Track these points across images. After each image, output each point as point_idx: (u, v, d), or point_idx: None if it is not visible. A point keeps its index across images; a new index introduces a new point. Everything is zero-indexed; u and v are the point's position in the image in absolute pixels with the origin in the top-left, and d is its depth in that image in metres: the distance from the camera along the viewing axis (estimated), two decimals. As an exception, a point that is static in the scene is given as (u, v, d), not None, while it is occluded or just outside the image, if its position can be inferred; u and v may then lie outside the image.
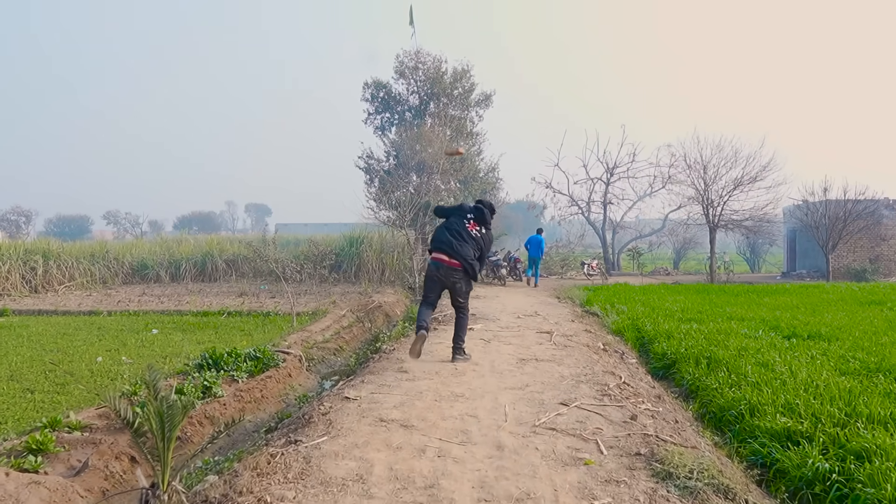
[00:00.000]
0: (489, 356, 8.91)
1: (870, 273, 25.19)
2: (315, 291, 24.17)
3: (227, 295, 23.54)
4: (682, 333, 11.58)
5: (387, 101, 29.11)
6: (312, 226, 67.08)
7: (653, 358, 10.66)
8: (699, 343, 10.59)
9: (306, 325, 15.95)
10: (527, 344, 10.05)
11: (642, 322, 13.25)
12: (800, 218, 25.73)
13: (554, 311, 14.65)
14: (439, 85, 28.29)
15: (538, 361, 8.54)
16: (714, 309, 15.33)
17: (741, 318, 13.80)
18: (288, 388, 11.30)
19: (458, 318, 8.71)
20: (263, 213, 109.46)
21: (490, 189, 29.32)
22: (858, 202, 24.43)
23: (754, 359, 9.23)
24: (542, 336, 10.88)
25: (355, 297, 22.46)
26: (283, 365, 11.86)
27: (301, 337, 14.57)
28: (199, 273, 30.36)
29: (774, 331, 12.19)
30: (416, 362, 8.40)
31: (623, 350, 10.81)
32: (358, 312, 19.28)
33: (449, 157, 26.08)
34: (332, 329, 16.28)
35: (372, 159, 28.76)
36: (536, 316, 13.62)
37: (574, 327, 12.19)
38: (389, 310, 19.98)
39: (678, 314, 14.32)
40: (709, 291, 20.03)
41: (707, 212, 25.01)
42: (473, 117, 29.71)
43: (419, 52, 28.48)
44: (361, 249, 29.42)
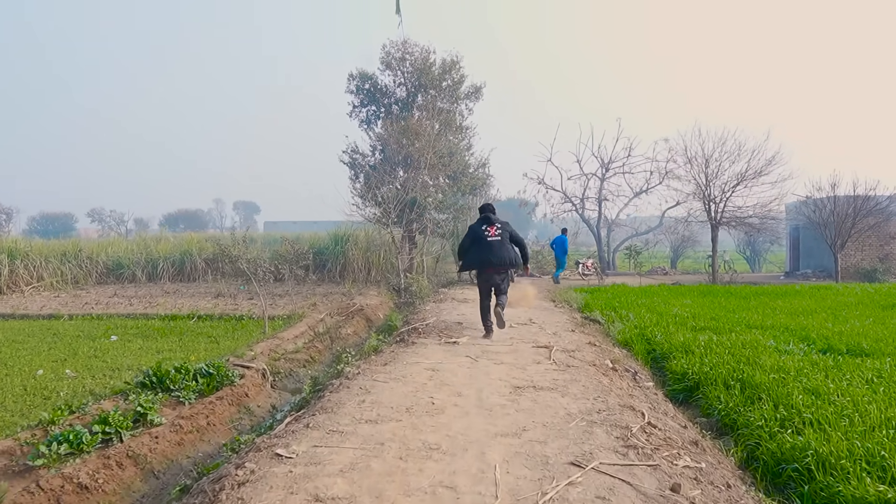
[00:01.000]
0: (476, 382, 7.08)
1: (880, 273, 23.51)
2: (296, 292, 22.54)
3: (203, 296, 21.99)
4: (701, 347, 9.80)
5: (372, 94, 27.28)
6: (302, 223, 65.21)
7: (670, 378, 8.87)
8: (724, 360, 8.82)
9: (279, 332, 14.39)
10: (522, 363, 8.22)
11: (651, 331, 11.48)
12: (807, 215, 23.99)
13: (551, 319, 12.83)
14: (427, 76, 26.49)
15: (537, 390, 6.71)
16: (728, 315, 13.57)
17: (761, 327, 12.05)
18: (243, 412, 9.55)
19: (500, 300, 10.23)
20: (252, 210, 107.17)
21: (480, 185, 27.49)
22: (869, 198, 22.73)
23: (798, 383, 7.44)
24: (539, 351, 9.06)
25: (337, 299, 20.72)
26: (241, 382, 10.19)
27: (270, 346, 12.93)
28: (177, 273, 28.61)
29: (805, 342, 10.45)
30: (385, 390, 6.57)
31: (635, 369, 9.00)
32: (337, 316, 17.51)
33: (436, 152, 24.35)
34: (307, 336, 14.64)
35: (357, 154, 26.92)
36: (531, 324, 11.79)
37: (575, 339, 10.38)
38: (371, 313, 18.21)
39: (690, 322, 12.54)
40: (715, 294, 18.26)
41: (709, 208, 23.25)
42: (463, 110, 27.92)
43: (406, 43, 26.70)
44: (347, 248, 27.80)
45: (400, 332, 11.00)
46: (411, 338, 9.98)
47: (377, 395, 6.38)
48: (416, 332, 10.61)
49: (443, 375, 7.33)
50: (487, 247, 9.86)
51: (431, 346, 9.26)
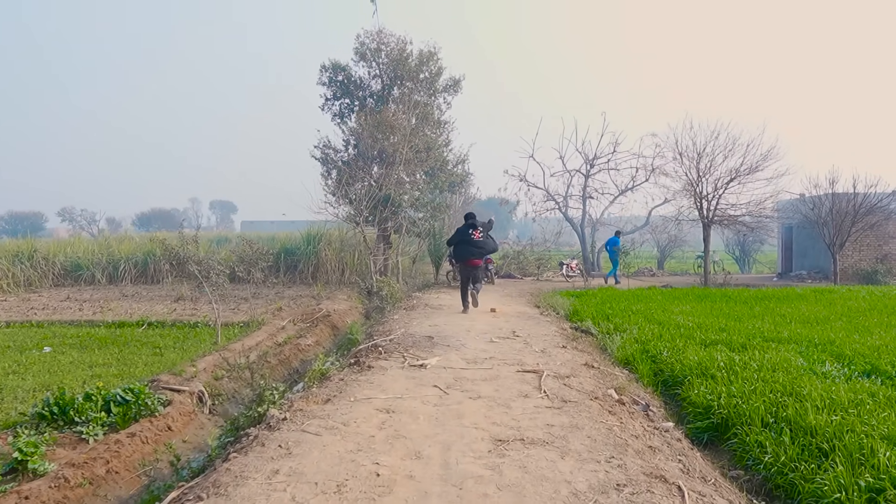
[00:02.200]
0: (444, 431, 5.11)
1: (881, 274, 21.81)
2: (263, 295, 20.59)
3: (163, 300, 20.13)
4: (721, 369, 7.88)
5: (346, 86, 25.26)
6: (279, 223, 62.83)
7: (689, 411, 6.93)
8: (757, 388, 6.90)
9: (232, 342, 12.62)
10: (505, 396, 6.25)
11: (655, 346, 9.57)
12: (804, 213, 22.23)
13: (537, 330, 10.87)
14: (404, 68, 24.52)
15: (526, 445, 4.75)
16: (736, 325, 11.71)
17: (779, 340, 10.21)
18: (162, 451, 7.46)
19: (476, 286, 13.21)
20: (229, 210, 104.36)
21: (459, 182, 25.54)
22: (868, 196, 21.01)
23: (868, 426, 5.54)
24: (525, 378, 7.09)
25: (305, 303, 18.76)
26: (166, 412, 8.18)
27: (217, 359, 11.01)
28: (140, 275, 26.56)
29: (840, 362, 8.58)
30: (315, 449, 4.57)
31: (646, 400, 7.05)
32: (301, 323, 15.49)
33: (413, 147, 22.42)
34: (263, 346, 12.69)
35: (329, 149, 24.88)
36: (515, 339, 9.82)
37: (568, 358, 8.42)
38: (339, 319, 16.22)
39: (696, 333, 10.64)
40: (712, 298, 16.42)
41: (700, 206, 21.43)
42: (441, 104, 25.96)
43: (382, 33, 24.70)
44: (319, 248, 25.81)
45: (358, 351, 8.98)
46: (369, 359, 7.97)
47: (301, 459, 4.38)
48: (376, 350, 8.59)
49: (399, 421, 5.35)
50: (473, 246, 12.72)
51: (392, 372, 7.27)
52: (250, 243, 17.01)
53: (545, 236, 31.07)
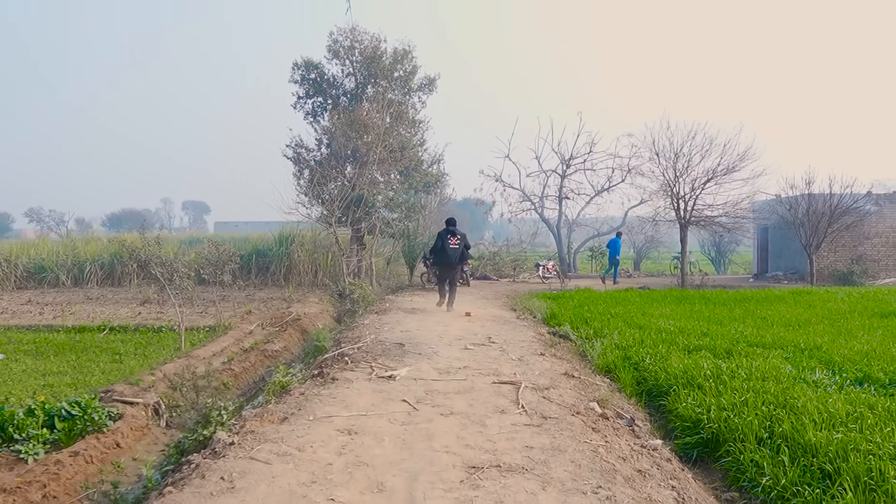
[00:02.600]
0: (411, 456, 4.53)
1: (857, 275, 21.61)
2: (234, 297, 19.88)
3: (128, 302, 19.35)
4: (708, 378, 7.39)
5: (319, 84, 24.56)
6: (254, 224, 61.77)
7: (676, 425, 6.42)
8: (748, 400, 6.42)
9: (196, 348, 11.99)
10: (480, 413, 5.70)
11: (637, 353, 9.07)
12: (781, 214, 21.95)
13: (514, 336, 10.33)
14: (377, 66, 23.88)
15: (503, 473, 4.19)
16: (719, 329, 11.29)
17: (764, 345, 9.80)
18: (109, 470, 6.81)
19: (453, 288, 14.07)
20: (202, 210, 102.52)
21: (434, 182, 24.94)
22: (844, 196, 20.78)
23: (871, 443, 5.07)
24: (502, 391, 6.54)
25: (276, 306, 18.08)
26: (115, 427, 7.51)
27: (178, 367, 10.37)
28: (106, 277, 25.55)
29: (829, 368, 8.17)
30: (262, 482, 3.97)
31: (631, 413, 6.53)
32: (270, 327, 14.82)
33: (387, 147, 21.80)
34: (229, 352, 12.04)
35: (301, 148, 24.16)
36: (490, 345, 9.27)
37: (546, 367, 7.89)
38: (309, 323, 15.57)
39: (679, 339, 10.17)
40: (691, 300, 16.02)
41: (677, 206, 21.06)
42: (416, 103, 25.35)
43: (355, 30, 24.02)
44: (292, 249, 25.05)
45: (323, 360, 8.36)
46: (334, 370, 7.36)
47: (244, 495, 3.78)
48: (342, 360, 7.98)
49: (362, 444, 4.76)
50: (450, 253, 13.56)
51: (358, 385, 6.68)
52: (217, 245, 16.29)
53: (521, 237, 30.60)
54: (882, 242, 23.09)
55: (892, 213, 23.00)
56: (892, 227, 23.03)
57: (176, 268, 15.04)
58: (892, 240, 23.15)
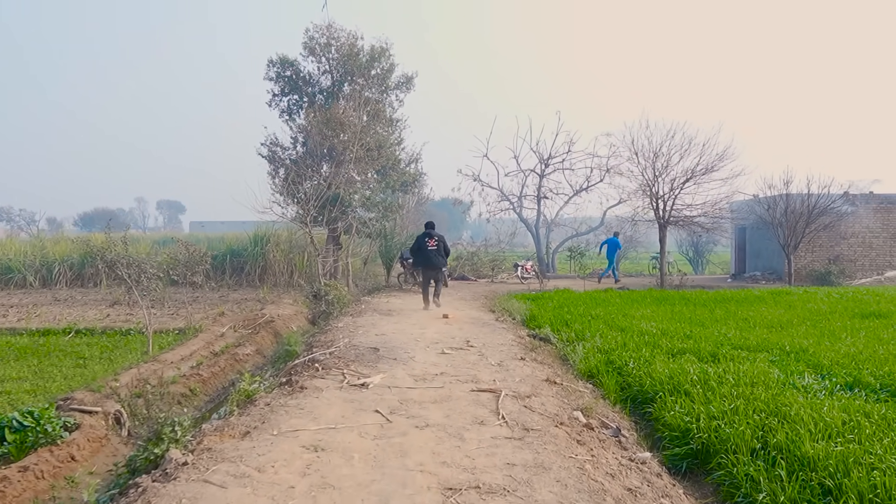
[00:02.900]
0: (382, 477, 4.13)
1: (835, 275, 21.54)
2: (207, 299, 19.35)
3: (97, 304, 18.73)
4: (695, 384, 7.07)
5: (294, 81, 24.03)
6: (230, 223, 60.77)
7: (664, 434, 6.08)
8: (738, 407, 6.10)
9: (164, 351, 11.51)
10: (458, 425, 5.31)
11: (620, 357, 8.75)
12: (759, 214, 21.81)
13: (492, 339, 9.95)
14: (354, 63, 23.40)
15: (483, 497, 3.81)
16: (702, 331, 11.02)
17: (749, 348, 9.54)
18: (61, 486, 6.35)
19: (437, 286, 14.80)
20: (177, 210, 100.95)
21: (411, 182, 24.52)
22: (822, 197, 20.69)
23: (875, 456, 4.76)
24: (481, 399, 6.15)
25: (250, 307, 17.60)
26: (72, 438, 7.02)
27: (144, 372, 9.88)
28: (76, 277, 24.78)
29: (817, 372, 7.91)
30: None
31: (616, 422, 6.17)
32: (242, 329, 14.33)
33: (363, 145, 21.37)
34: (198, 356, 11.57)
35: (277, 146, 23.62)
36: (469, 349, 8.88)
37: (527, 373, 7.52)
38: (283, 325, 15.11)
39: (662, 341, 9.88)
40: (671, 301, 15.77)
41: (656, 206, 20.83)
42: (393, 101, 24.91)
43: (332, 27, 23.53)
44: (267, 249, 24.49)
45: (293, 366, 7.92)
46: (303, 377, 6.92)
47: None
48: (314, 365, 7.54)
49: (329, 463, 4.35)
50: (428, 253, 14.10)
51: (328, 394, 6.25)
52: (186, 245, 15.73)
53: (499, 237, 30.25)
54: (858, 243, 23.08)
55: (867, 213, 22.99)
56: (868, 227, 23.02)
57: (144, 269, 14.50)
58: (867, 240, 23.15)
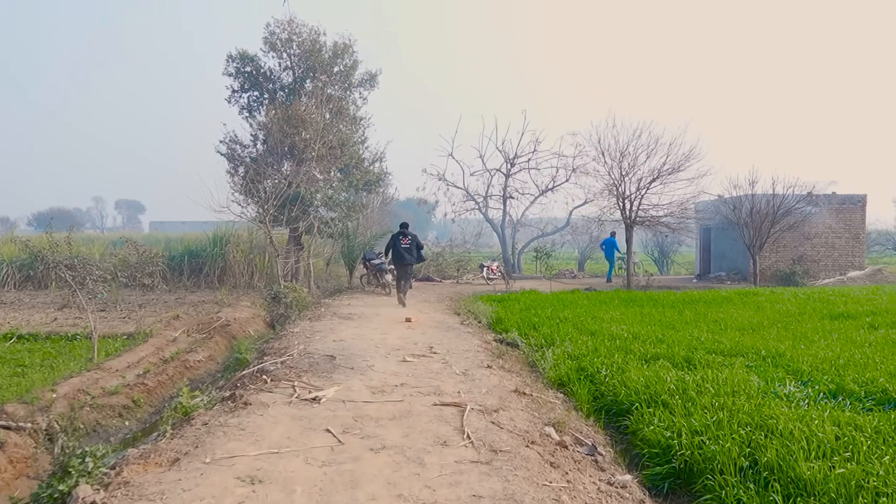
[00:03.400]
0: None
1: (799, 276, 21.42)
2: (163, 301, 18.45)
3: (46, 307, 17.82)
4: (673, 394, 6.57)
5: (255, 77, 23.20)
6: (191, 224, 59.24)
7: (644, 451, 5.55)
8: (721, 420, 5.62)
9: (110, 358, 10.87)
10: (417, 448, 4.70)
11: (592, 363, 8.22)
12: (725, 214, 21.61)
13: (457, 344, 9.37)
14: (316, 59, 22.70)
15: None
16: (673, 334, 10.60)
17: (723, 352, 9.14)
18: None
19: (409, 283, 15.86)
20: (136, 209, 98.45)
21: (375, 181, 23.83)
22: (787, 197, 20.55)
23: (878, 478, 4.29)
24: (444, 415, 5.56)
25: (207, 309, 16.80)
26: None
27: (85, 381, 9.14)
28: (25, 279, 23.55)
29: (796, 377, 7.53)
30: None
31: (592, 438, 5.63)
32: (196, 334, 13.56)
33: (326, 143, 20.68)
34: (146, 363, 10.79)
35: (236, 144, 22.78)
36: (432, 356, 8.28)
37: (495, 383, 6.94)
38: (239, 329, 14.36)
39: (634, 345, 9.40)
40: (639, 302, 15.39)
41: (623, 206, 20.48)
42: (357, 99, 24.23)
43: (293, 22, 22.80)
44: (227, 250, 23.59)
45: (240, 377, 7.23)
46: (249, 391, 6.25)
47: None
48: (262, 376, 6.86)
49: (266, 498, 3.71)
50: (402, 252, 14.86)
51: (275, 410, 5.60)
52: (137, 246, 14.89)
53: (465, 237, 29.74)
54: (821, 243, 23.07)
55: (829, 213, 22.99)
56: (831, 227, 23.02)
57: (90, 271, 13.66)
58: (830, 240, 23.15)
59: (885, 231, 31.00)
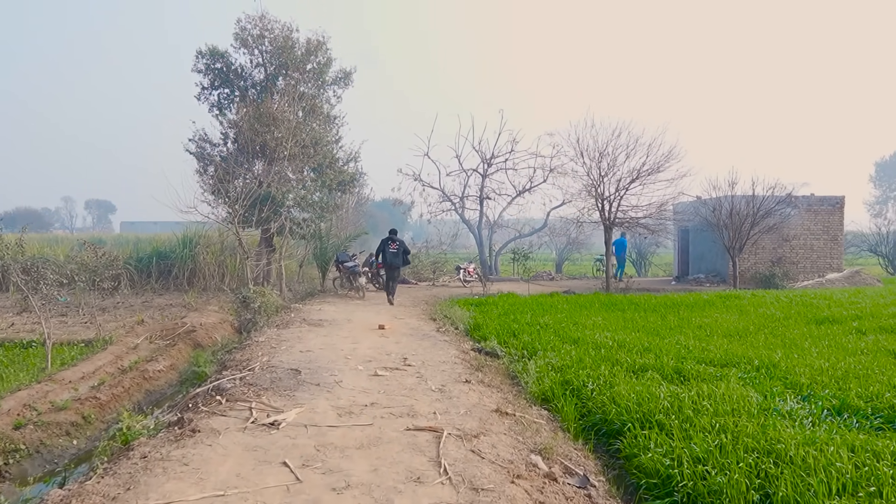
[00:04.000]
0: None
1: (779, 278, 21.07)
2: (128, 305, 17.66)
3: (4, 312, 17.08)
4: (667, 411, 6.00)
5: (225, 74, 22.38)
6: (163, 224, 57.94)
7: (640, 481, 4.95)
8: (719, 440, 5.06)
9: (64, 368, 10.52)
10: (387, 486, 4.06)
11: (577, 376, 7.63)
12: (704, 215, 21.21)
13: (434, 355, 8.72)
14: (289, 56, 21.97)
15: None
16: (660, 342, 10.07)
17: (714, 362, 8.65)
18: None
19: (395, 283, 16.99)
20: (106, 209, 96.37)
21: (349, 181, 23.10)
22: (767, 198, 20.19)
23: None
24: (418, 443, 4.91)
25: (175, 314, 16.04)
26: None
27: (34, 394, 8.54)
28: (-14, 282, 22.47)
29: (794, 390, 7.01)
30: None
31: (582, 466, 5.02)
32: (159, 340, 12.79)
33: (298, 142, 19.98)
34: (101, 374, 10.03)
35: (206, 142, 21.93)
36: (406, 369, 7.63)
37: (474, 401, 6.31)
38: (205, 335, 13.60)
39: (620, 355, 8.83)
40: (620, 306, 14.88)
41: (602, 207, 19.97)
42: (330, 97, 23.52)
43: (265, 18, 22.04)
44: (197, 251, 22.72)
45: (193, 396, 6.51)
46: (200, 414, 5.54)
47: None
48: (217, 396, 6.16)
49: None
50: (390, 255, 16.21)
51: (228, 437, 4.91)
52: (95, 248, 14.04)
53: (441, 238, 29.10)
54: (800, 245, 22.78)
55: (808, 215, 22.72)
56: (809, 229, 22.75)
57: (43, 274, 12.83)
58: (808, 242, 22.87)
59: (860, 233, 30.89)
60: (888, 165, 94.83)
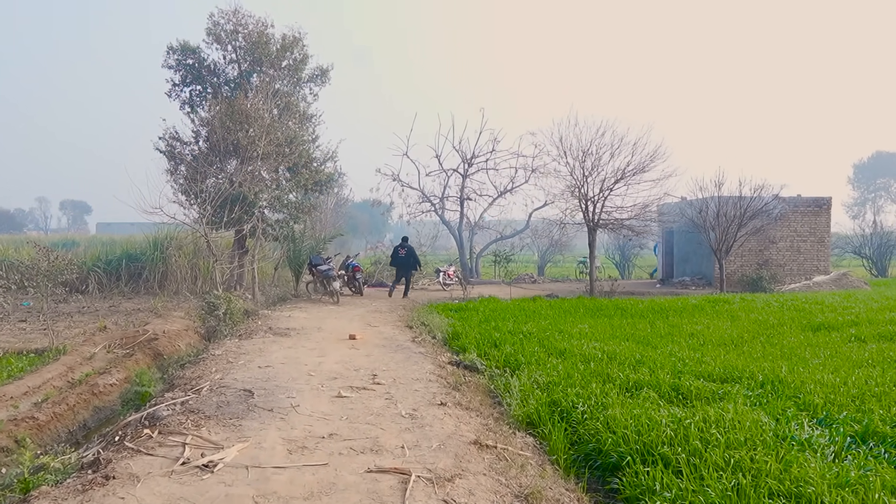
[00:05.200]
0: None
1: (766, 281, 20.42)
2: (94, 309, 16.59)
3: None
4: (672, 442, 5.15)
5: (198, 70, 21.37)
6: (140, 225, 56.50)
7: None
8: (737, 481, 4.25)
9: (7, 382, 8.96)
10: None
11: (565, 394, 6.78)
12: (690, 217, 20.51)
13: (406, 371, 7.82)
14: (264, 52, 21.04)
15: None
16: (653, 353, 9.30)
17: (713, 377, 7.90)
18: None
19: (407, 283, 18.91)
20: (82, 210, 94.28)
21: (326, 181, 22.14)
22: (754, 199, 19.54)
23: None
24: (380, 491, 4.03)
25: (142, 319, 15.08)
26: None
27: None
28: (-56, 287, 21.19)
29: (808, 412, 6.20)
30: None
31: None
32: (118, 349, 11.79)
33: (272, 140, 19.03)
34: (49, 388, 9.08)
35: (176, 140, 20.90)
36: (374, 389, 6.72)
37: (450, 429, 5.43)
38: (168, 344, 12.60)
39: (611, 369, 8.01)
40: (607, 312, 14.09)
41: (586, 208, 19.20)
42: (307, 95, 22.61)
43: (238, 13, 21.06)
44: (168, 254, 21.70)
45: (123, 426, 5.57)
46: (123, 451, 4.60)
47: None
48: (147, 428, 5.22)
49: None
50: (400, 259, 18.61)
51: (148, 485, 3.99)
52: (48, 251, 13.00)
53: (420, 240, 28.22)
54: (787, 247, 22.16)
55: (795, 217, 22.11)
56: (796, 231, 22.15)
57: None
58: (795, 244, 22.26)
59: (844, 235, 30.46)
60: (866, 167, 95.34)
